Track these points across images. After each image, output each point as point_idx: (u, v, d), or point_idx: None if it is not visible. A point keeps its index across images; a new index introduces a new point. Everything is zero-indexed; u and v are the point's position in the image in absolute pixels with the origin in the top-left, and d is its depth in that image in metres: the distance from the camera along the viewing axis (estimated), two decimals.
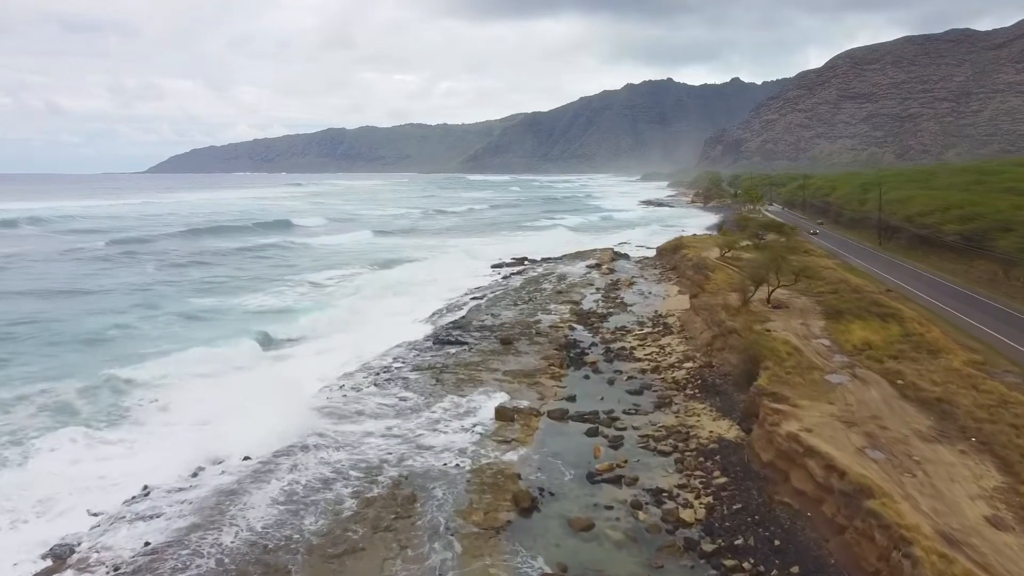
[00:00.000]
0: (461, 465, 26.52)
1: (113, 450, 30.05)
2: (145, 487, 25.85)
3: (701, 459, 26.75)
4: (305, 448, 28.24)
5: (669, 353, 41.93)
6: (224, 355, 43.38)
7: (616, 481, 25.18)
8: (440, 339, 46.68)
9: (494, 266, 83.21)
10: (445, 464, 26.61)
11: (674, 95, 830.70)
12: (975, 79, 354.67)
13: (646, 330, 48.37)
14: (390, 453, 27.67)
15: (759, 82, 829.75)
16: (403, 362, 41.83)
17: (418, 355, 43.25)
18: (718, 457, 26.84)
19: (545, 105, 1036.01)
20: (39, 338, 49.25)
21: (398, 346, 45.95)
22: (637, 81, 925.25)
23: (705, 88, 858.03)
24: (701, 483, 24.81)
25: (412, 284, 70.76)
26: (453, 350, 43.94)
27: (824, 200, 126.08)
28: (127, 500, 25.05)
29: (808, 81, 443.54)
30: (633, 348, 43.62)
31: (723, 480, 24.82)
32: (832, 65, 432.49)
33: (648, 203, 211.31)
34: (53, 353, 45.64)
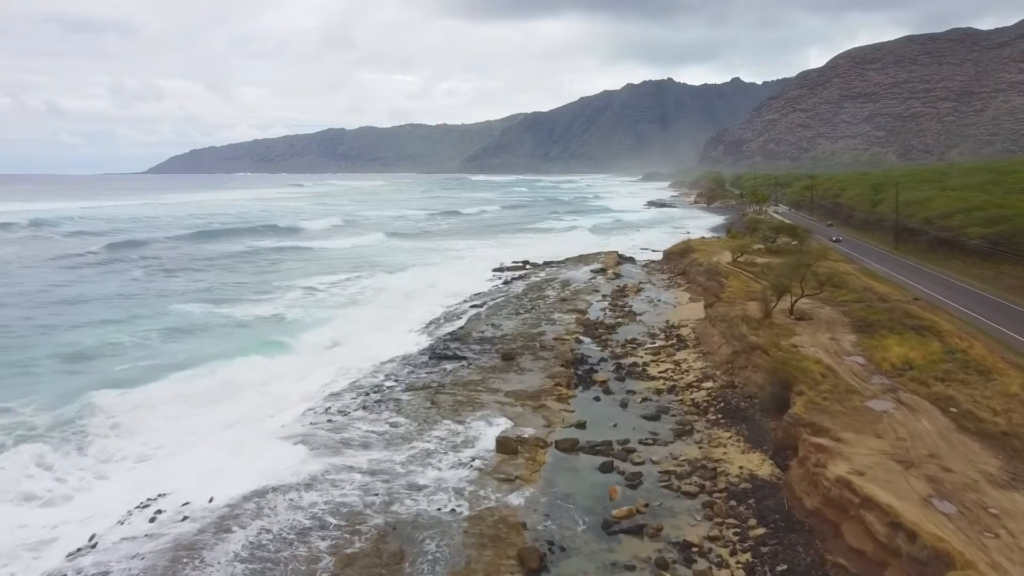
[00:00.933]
0: (457, 510, 23.04)
1: (62, 487, 26.70)
2: (93, 536, 22.45)
3: (733, 503, 23.25)
4: (280, 488, 24.76)
5: (686, 371, 38.44)
6: (205, 373, 40.12)
7: (637, 531, 21.70)
8: (437, 353, 43.27)
9: (495, 270, 79.83)
10: (439, 509, 23.13)
11: (674, 95, 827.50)
12: (977, 78, 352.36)
13: (658, 343, 44.91)
14: (376, 494, 24.20)
15: (759, 82, 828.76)
16: (396, 380, 38.40)
17: (412, 372, 39.83)
18: (752, 501, 23.33)
19: (545, 105, 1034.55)
20: (11, 349, 46.15)
21: (391, 360, 42.64)
22: (637, 81, 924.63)
23: (706, 88, 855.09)
24: (735, 535, 21.33)
25: (412, 290, 67.43)
26: (450, 366, 40.53)
27: (833, 201, 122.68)
28: (71, 553, 21.68)
29: (809, 81, 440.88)
30: (646, 364, 40.14)
31: (761, 531, 21.34)
32: (833, 65, 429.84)
33: (653, 204, 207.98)
34: (22, 369, 42.38)
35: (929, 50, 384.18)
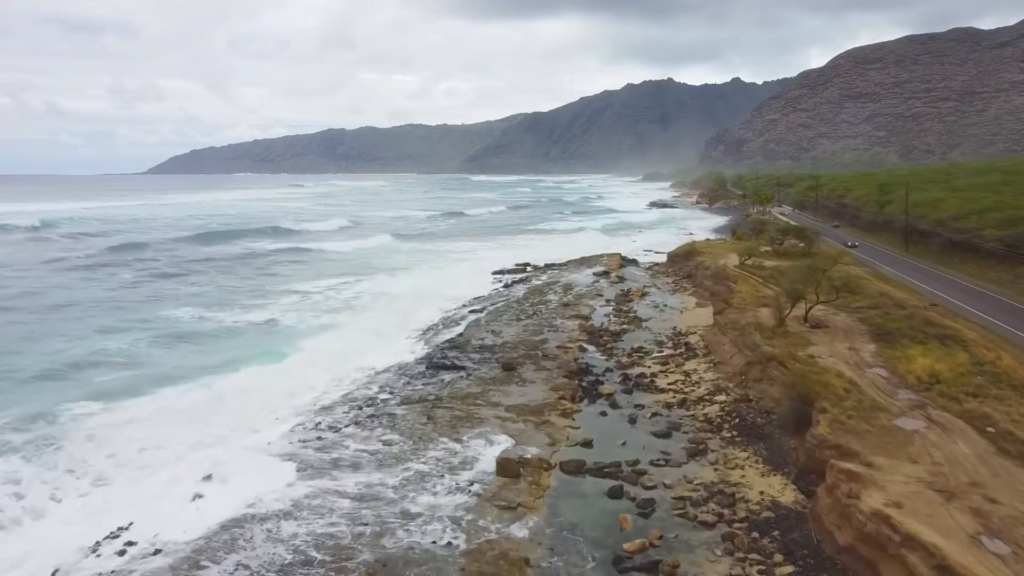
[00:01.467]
0: (454, 543, 21.09)
1: (26, 509, 24.69)
2: (55, 572, 20.52)
3: (755, 535, 21.27)
4: (262, 516, 22.84)
5: (696, 382, 36.44)
6: (192, 385, 38.23)
7: (651, 568, 19.75)
8: (434, 362, 41.33)
9: (495, 273, 77.82)
10: (434, 542, 21.18)
11: (675, 95, 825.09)
12: (978, 78, 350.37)
13: (666, 351, 42.95)
14: (365, 524, 22.25)
15: (760, 82, 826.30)
16: (391, 392, 36.48)
17: (408, 383, 37.90)
18: (776, 532, 21.36)
19: (545, 105, 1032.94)
20: None
21: (386, 371, 40.74)
22: (638, 81, 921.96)
23: (706, 88, 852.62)
24: (760, 573, 19.37)
25: (411, 294, 65.41)
26: (448, 377, 38.58)
27: (838, 202, 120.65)
28: None
29: (810, 80, 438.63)
30: (654, 375, 38.14)
31: (789, 570, 19.38)
32: (834, 64, 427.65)
33: (655, 204, 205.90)
34: (3, 378, 40.47)
35: (930, 50, 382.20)
